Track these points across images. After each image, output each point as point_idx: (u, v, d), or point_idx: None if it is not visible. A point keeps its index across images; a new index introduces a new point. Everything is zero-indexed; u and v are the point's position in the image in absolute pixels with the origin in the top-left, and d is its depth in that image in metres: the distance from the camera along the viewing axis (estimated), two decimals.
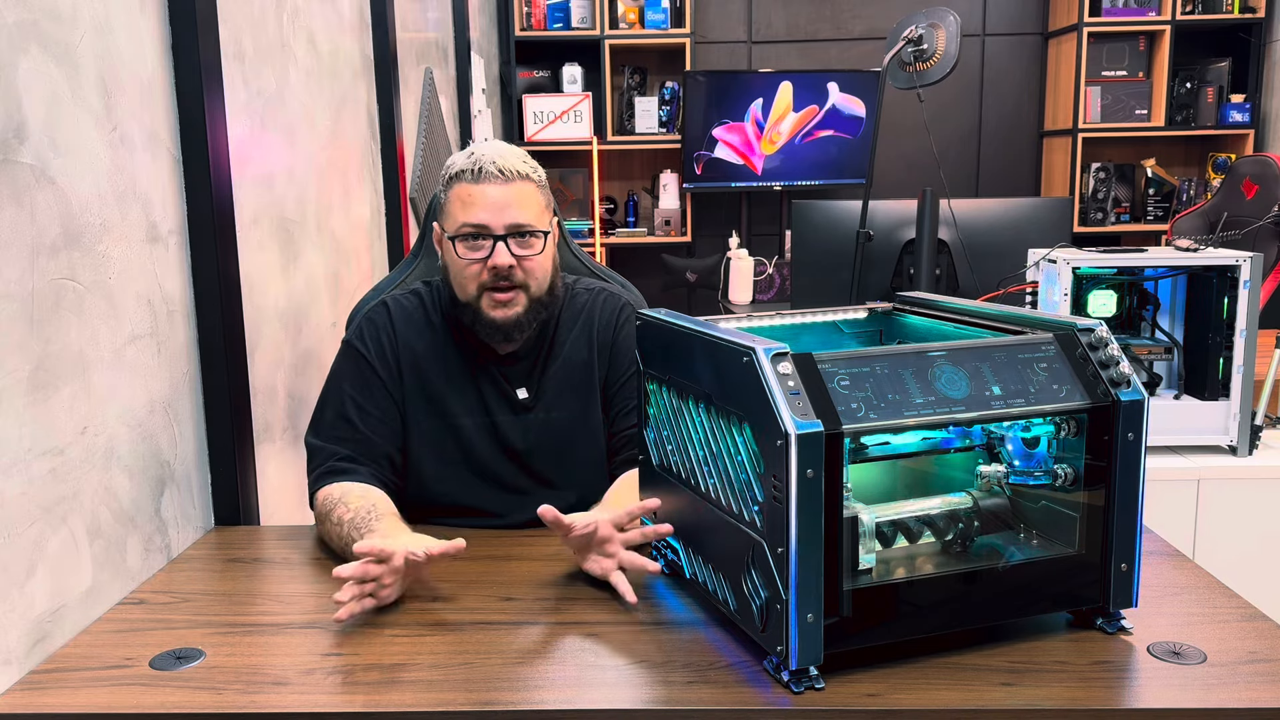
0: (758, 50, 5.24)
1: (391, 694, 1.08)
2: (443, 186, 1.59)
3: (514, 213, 1.53)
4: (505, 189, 1.53)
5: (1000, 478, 1.20)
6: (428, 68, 3.38)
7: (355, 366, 1.61)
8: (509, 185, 1.54)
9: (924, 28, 2.64)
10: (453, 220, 1.56)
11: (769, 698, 1.05)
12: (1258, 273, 2.11)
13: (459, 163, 1.56)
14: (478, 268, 1.55)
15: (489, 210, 1.53)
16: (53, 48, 1.25)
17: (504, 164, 1.54)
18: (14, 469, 1.15)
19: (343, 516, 1.43)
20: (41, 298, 1.21)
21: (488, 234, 1.54)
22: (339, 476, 1.52)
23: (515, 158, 1.56)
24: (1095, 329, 1.17)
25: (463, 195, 1.55)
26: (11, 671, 1.13)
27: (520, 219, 1.54)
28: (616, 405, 1.66)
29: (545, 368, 1.65)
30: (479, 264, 1.55)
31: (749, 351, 1.06)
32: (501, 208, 1.53)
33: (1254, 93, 4.89)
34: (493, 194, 1.53)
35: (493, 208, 1.53)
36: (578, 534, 1.29)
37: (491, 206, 1.53)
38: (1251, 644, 1.14)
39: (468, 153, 1.57)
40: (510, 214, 1.53)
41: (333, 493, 1.49)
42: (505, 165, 1.54)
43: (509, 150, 1.57)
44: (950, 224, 2.54)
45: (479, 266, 1.55)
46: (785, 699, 1.04)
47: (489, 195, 1.53)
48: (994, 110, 5.29)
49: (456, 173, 1.56)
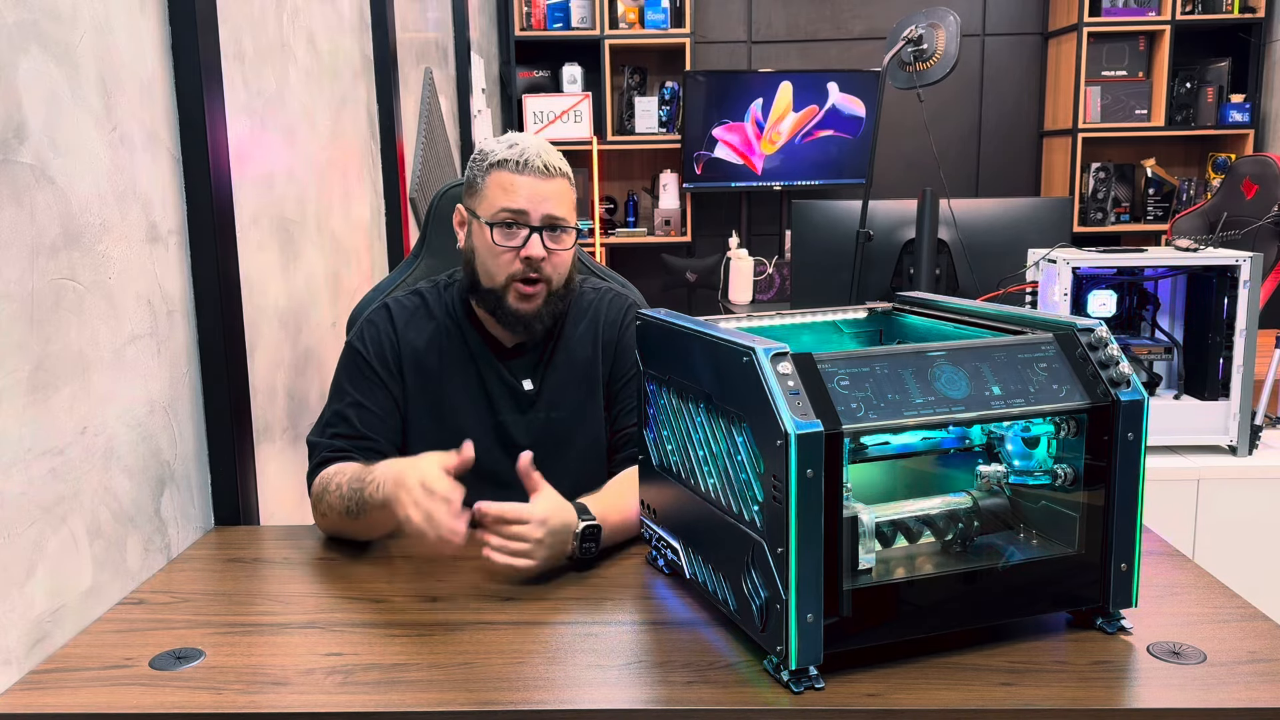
0: (758, 50, 5.24)
1: (391, 694, 1.08)
2: (479, 171, 1.60)
3: (551, 205, 1.56)
4: (546, 183, 1.56)
5: (1000, 478, 1.20)
6: (428, 68, 3.38)
7: (354, 365, 1.63)
8: (549, 180, 1.57)
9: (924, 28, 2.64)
10: (490, 205, 1.57)
11: (769, 698, 1.05)
12: (1257, 273, 2.11)
13: (500, 150, 1.58)
14: (510, 256, 1.56)
15: (530, 200, 1.55)
16: (53, 48, 1.25)
17: (547, 159, 1.57)
18: (14, 469, 1.15)
19: (340, 482, 1.46)
20: (41, 298, 1.21)
21: (524, 223, 1.56)
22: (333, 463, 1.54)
23: (555, 155, 1.60)
24: (1095, 329, 1.17)
25: (504, 182, 1.56)
26: (11, 671, 1.13)
27: (557, 212, 1.57)
28: (618, 404, 1.67)
29: (550, 361, 1.66)
30: (512, 252, 1.56)
31: (749, 351, 1.06)
32: (541, 200, 1.56)
33: (1254, 93, 4.89)
34: (534, 185, 1.56)
35: (533, 198, 1.55)
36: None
37: (532, 197, 1.55)
38: (1251, 644, 1.14)
39: (509, 142, 1.59)
40: (548, 206, 1.56)
41: (327, 473, 1.51)
42: (548, 160, 1.57)
43: (549, 146, 1.60)
44: (950, 224, 2.54)
45: (511, 255, 1.56)
46: (785, 699, 1.04)
47: (530, 186, 1.56)
48: (994, 110, 5.29)
49: (499, 160, 1.57)
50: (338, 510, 1.46)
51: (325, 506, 1.49)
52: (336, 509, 1.46)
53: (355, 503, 1.42)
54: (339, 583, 1.39)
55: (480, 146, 1.63)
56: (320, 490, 1.50)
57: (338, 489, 1.46)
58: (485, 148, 1.61)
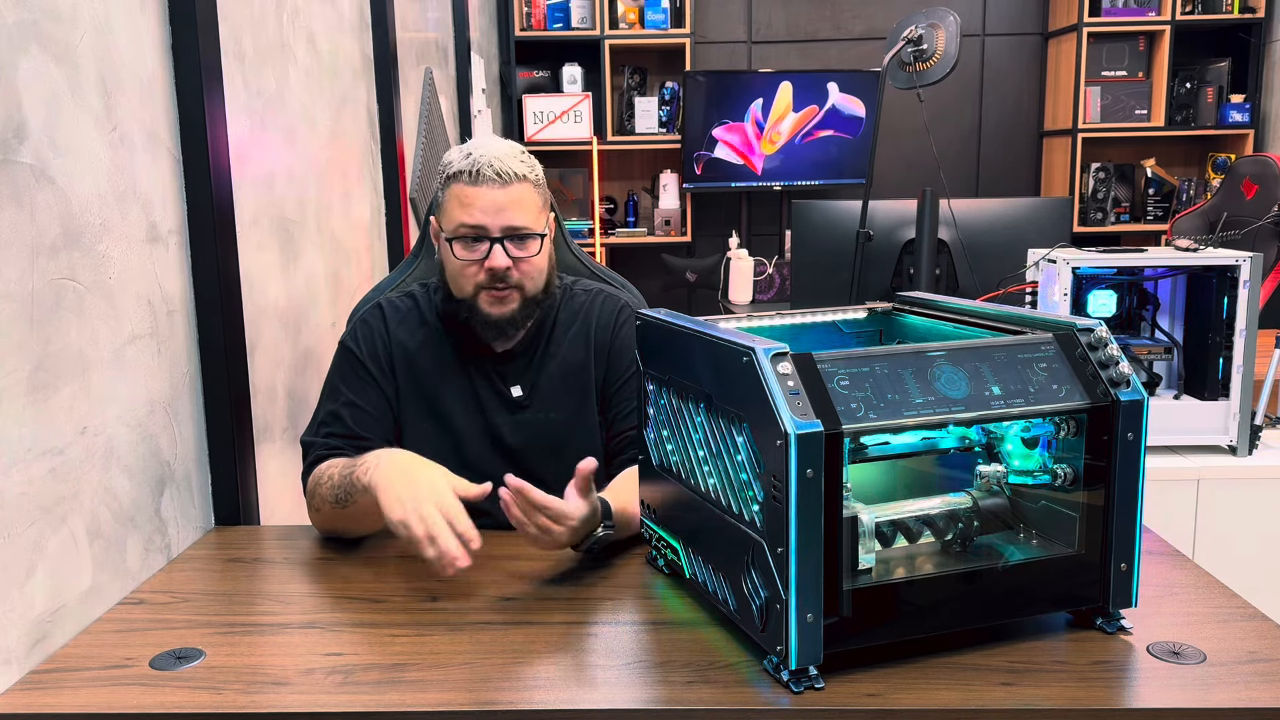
0: (758, 50, 5.24)
1: (391, 694, 1.08)
2: (440, 184, 1.59)
3: (510, 215, 1.54)
4: (502, 191, 1.53)
5: (1000, 478, 1.20)
6: (428, 68, 3.38)
7: (348, 365, 1.63)
8: (506, 188, 1.53)
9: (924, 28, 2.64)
10: (450, 220, 1.56)
11: (769, 698, 1.05)
12: (1257, 273, 2.11)
13: (456, 162, 1.56)
14: (474, 268, 1.55)
15: (486, 213, 1.53)
16: (53, 48, 1.25)
17: (501, 166, 1.53)
18: (14, 469, 1.15)
19: (332, 474, 1.46)
20: (41, 298, 1.21)
21: (485, 235, 1.54)
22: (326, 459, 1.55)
23: (512, 158, 1.55)
24: (1095, 329, 1.17)
25: (460, 196, 1.54)
26: (11, 671, 1.13)
27: (517, 221, 1.54)
28: (615, 407, 1.66)
29: (541, 366, 1.66)
30: (475, 264, 1.55)
31: (749, 351, 1.06)
32: (498, 210, 1.53)
33: (1254, 93, 4.89)
34: (490, 196, 1.53)
35: (490, 210, 1.53)
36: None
37: (489, 209, 1.53)
38: (1251, 644, 1.14)
39: (465, 151, 1.56)
40: (506, 216, 1.53)
41: (321, 468, 1.52)
42: (502, 167, 1.53)
43: (506, 149, 1.56)
44: (950, 224, 2.54)
45: (475, 267, 1.55)
46: (785, 699, 1.04)
47: (486, 197, 1.53)
48: (994, 110, 5.29)
49: (454, 173, 1.56)
50: (329, 501, 1.46)
51: (319, 500, 1.49)
52: (328, 500, 1.46)
53: (344, 490, 1.42)
54: (339, 583, 1.39)
55: (445, 156, 1.60)
56: (314, 485, 1.51)
57: (329, 480, 1.46)
58: (446, 158, 1.59)
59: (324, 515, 1.49)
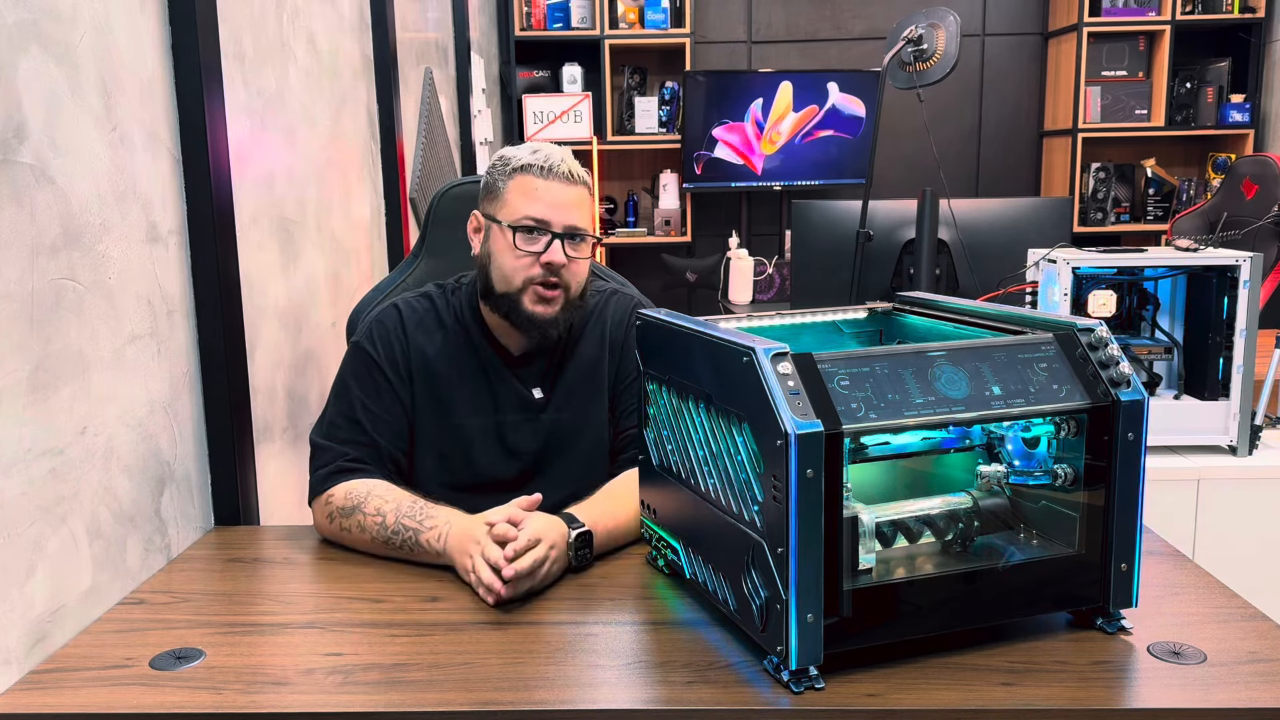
0: (758, 50, 5.24)
1: (391, 694, 1.08)
2: (500, 176, 1.59)
3: (573, 214, 1.56)
4: (570, 190, 1.57)
5: (1000, 478, 1.20)
6: (428, 68, 3.38)
7: (365, 369, 1.60)
8: (573, 187, 1.57)
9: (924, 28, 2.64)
10: (512, 210, 1.57)
11: (769, 698, 1.05)
12: (1257, 273, 2.11)
13: (523, 156, 1.58)
14: (529, 260, 1.56)
15: (552, 207, 1.55)
16: (53, 48, 1.25)
17: (570, 166, 1.58)
18: (14, 469, 1.15)
19: (381, 508, 1.44)
20: (41, 298, 1.21)
21: (546, 229, 1.55)
22: (352, 475, 1.52)
23: (577, 164, 1.60)
24: (1095, 329, 1.17)
25: (527, 187, 1.56)
26: (11, 671, 1.13)
27: (578, 221, 1.57)
28: (622, 404, 1.67)
29: (561, 369, 1.66)
30: (532, 257, 1.56)
31: (749, 351, 1.06)
32: (564, 207, 1.56)
33: (1254, 93, 4.89)
34: (559, 191, 1.56)
35: (556, 205, 1.55)
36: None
37: (556, 204, 1.55)
38: (1251, 644, 1.14)
39: (531, 148, 1.59)
40: (570, 215, 1.56)
41: (356, 488, 1.48)
42: (571, 168, 1.58)
43: (570, 155, 1.60)
44: (950, 224, 2.54)
45: (530, 260, 1.56)
46: (785, 699, 1.04)
47: (555, 192, 1.56)
48: (994, 110, 5.29)
49: (522, 165, 1.57)
50: (373, 535, 1.43)
51: (352, 524, 1.46)
52: (371, 534, 1.43)
53: (406, 542, 1.40)
54: (339, 583, 1.39)
55: (501, 152, 1.62)
56: (347, 505, 1.47)
57: (379, 516, 1.43)
58: (507, 153, 1.60)
59: (352, 538, 1.46)
